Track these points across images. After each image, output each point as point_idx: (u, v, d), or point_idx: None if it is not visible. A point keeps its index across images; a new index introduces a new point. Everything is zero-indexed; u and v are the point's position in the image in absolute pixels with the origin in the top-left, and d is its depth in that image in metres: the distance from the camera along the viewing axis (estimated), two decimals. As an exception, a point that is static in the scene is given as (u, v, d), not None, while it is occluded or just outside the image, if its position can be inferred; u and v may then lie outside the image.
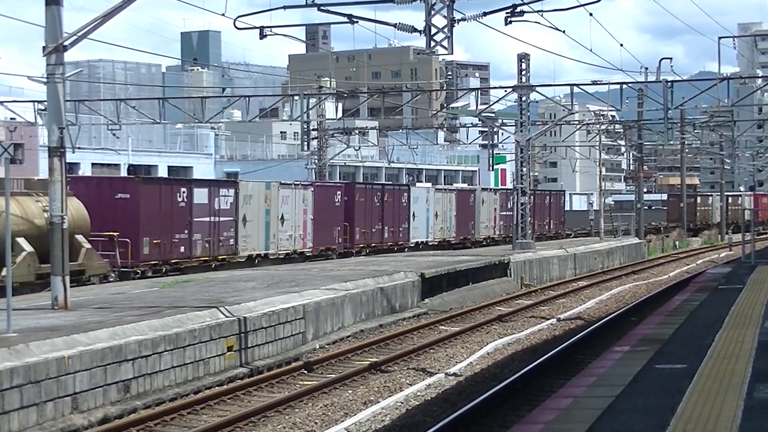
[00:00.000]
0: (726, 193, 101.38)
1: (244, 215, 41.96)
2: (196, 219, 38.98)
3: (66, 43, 22.68)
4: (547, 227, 72.14)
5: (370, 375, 21.60)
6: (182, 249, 38.26)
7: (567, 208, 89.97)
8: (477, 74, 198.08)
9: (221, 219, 40.43)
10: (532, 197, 68.87)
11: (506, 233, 64.37)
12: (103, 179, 41.68)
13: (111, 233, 34.90)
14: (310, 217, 46.92)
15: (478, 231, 63.65)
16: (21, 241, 29.97)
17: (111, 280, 33.17)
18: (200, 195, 39.48)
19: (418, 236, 56.99)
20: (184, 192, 38.72)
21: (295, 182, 48.29)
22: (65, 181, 22.97)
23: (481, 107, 58.88)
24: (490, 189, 71.53)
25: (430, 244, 57.95)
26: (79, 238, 32.13)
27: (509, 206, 63.47)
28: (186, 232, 38.46)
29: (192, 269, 37.80)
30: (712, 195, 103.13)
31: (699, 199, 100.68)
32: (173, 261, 37.71)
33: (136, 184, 37.40)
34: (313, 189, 47.84)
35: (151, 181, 40.41)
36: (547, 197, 74.21)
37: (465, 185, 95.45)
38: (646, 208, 79.11)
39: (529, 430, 11.28)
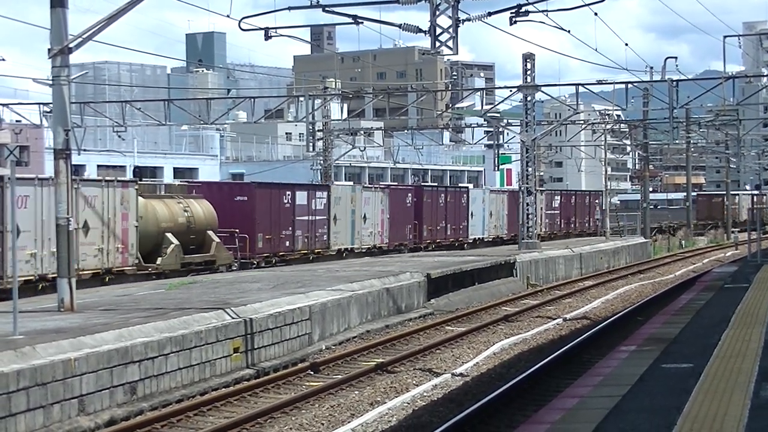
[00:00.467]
0: (753, 192, 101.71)
1: (335, 214, 47.47)
2: (298, 218, 44.51)
3: (71, 46, 22.70)
4: (586, 224, 76.98)
5: (376, 376, 21.58)
6: (287, 243, 43.74)
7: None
8: (482, 74, 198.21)
9: (317, 218, 46.08)
10: (573, 197, 75.70)
11: (551, 230, 69.99)
12: (223, 184, 50.37)
13: (232, 230, 40.02)
14: (386, 216, 52.38)
15: None
16: (169, 235, 35.05)
17: (234, 269, 38.28)
18: (301, 197, 44.85)
19: (475, 233, 61.60)
20: (288, 195, 44.08)
21: (375, 185, 54.49)
22: (71, 183, 22.97)
23: (486, 107, 59.13)
24: (537, 190, 73.44)
25: (486, 240, 62.64)
26: (210, 233, 37.82)
27: (554, 205, 69.88)
28: (290, 228, 43.96)
29: (295, 261, 43.46)
30: (739, 193, 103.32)
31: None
32: (281, 254, 43.18)
33: (252, 188, 43.14)
34: (389, 191, 53.44)
35: (263, 186, 45.12)
36: (587, 197, 79.91)
37: (471, 186, 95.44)
38: (651, 207, 79.22)
39: (535, 430, 11.28)
